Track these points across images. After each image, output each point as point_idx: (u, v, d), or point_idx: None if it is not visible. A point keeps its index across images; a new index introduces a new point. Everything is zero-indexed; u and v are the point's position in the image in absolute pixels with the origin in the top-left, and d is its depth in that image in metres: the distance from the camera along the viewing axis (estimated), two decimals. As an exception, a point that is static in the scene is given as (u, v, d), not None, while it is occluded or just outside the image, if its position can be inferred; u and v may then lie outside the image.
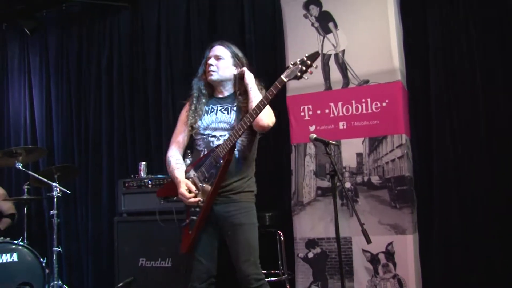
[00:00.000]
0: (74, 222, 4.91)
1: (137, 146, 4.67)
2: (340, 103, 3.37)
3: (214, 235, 2.47)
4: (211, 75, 2.50)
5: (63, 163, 4.75)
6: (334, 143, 2.76)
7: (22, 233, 3.92)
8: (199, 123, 2.50)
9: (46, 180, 3.75)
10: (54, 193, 3.75)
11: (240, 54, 2.58)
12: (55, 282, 3.72)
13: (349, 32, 3.38)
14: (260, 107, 2.25)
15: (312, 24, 3.50)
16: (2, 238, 3.67)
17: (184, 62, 4.52)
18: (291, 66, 2.22)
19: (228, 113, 2.49)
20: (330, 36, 3.44)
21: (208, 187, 2.38)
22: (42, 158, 4.85)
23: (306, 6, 3.53)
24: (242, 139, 2.44)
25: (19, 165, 3.71)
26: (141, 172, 4.05)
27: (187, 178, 2.47)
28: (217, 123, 2.48)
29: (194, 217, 2.42)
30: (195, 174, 2.45)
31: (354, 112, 3.33)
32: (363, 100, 3.30)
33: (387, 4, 3.28)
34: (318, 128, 3.41)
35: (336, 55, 3.41)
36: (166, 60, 4.57)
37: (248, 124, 2.28)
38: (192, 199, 2.38)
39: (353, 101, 3.33)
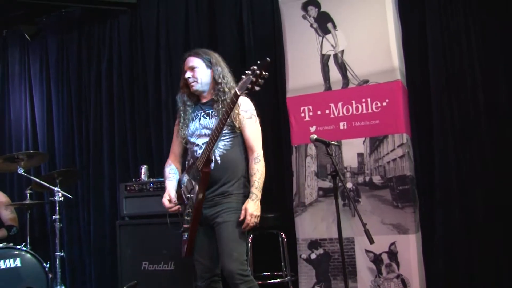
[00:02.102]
0: (76, 226, 4.91)
1: (138, 149, 4.67)
2: (340, 104, 3.37)
3: (210, 235, 2.54)
4: (193, 86, 2.61)
5: (65, 167, 4.75)
6: (335, 143, 2.76)
7: (25, 238, 3.93)
8: (186, 132, 2.62)
9: (48, 185, 3.75)
10: (56, 198, 3.75)
11: (209, 56, 2.64)
12: (58, 286, 3.72)
13: (348, 32, 3.38)
14: (222, 121, 2.34)
15: (311, 25, 3.50)
16: (5, 243, 3.68)
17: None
18: (243, 77, 2.24)
19: (210, 118, 2.56)
20: (329, 36, 3.44)
21: (194, 197, 2.49)
22: (44, 163, 4.86)
23: (304, 7, 3.53)
24: (225, 142, 2.51)
25: (21, 170, 3.71)
26: (142, 175, 4.05)
27: (180, 185, 2.65)
28: (200, 129, 2.57)
29: (186, 226, 2.55)
30: (184, 184, 2.61)
31: (355, 112, 3.32)
32: (363, 100, 3.29)
33: (386, 4, 3.27)
34: (318, 128, 3.41)
35: (335, 55, 3.41)
36: (166, 63, 4.58)
37: (216, 139, 2.39)
38: (172, 209, 2.58)
39: (353, 101, 3.33)
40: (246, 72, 2.22)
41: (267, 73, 2.19)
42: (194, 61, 2.62)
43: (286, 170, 3.82)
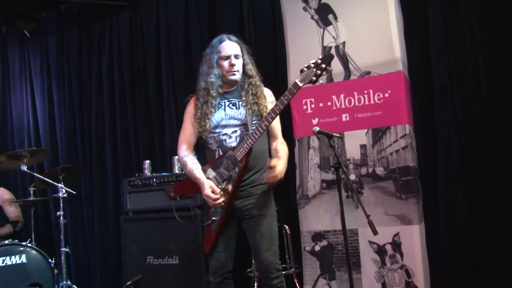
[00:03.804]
0: (81, 222, 4.93)
1: (140, 144, 4.68)
2: (342, 95, 3.36)
3: (233, 231, 2.51)
4: (234, 74, 2.50)
5: (68, 163, 4.76)
6: (338, 135, 2.76)
7: (30, 234, 3.94)
8: (210, 122, 2.48)
9: (51, 182, 3.76)
10: (60, 194, 3.77)
11: (245, 46, 2.59)
12: (64, 282, 3.75)
13: (349, 23, 3.36)
14: (275, 111, 2.27)
15: (312, 17, 3.49)
16: (10, 240, 3.69)
17: (184, 58, 4.51)
18: (305, 69, 2.22)
19: (237, 108, 2.51)
20: (330, 28, 3.43)
21: (227, 188, 2.41)
22: (47, 160, 4.87)
23: (305, -1, 3.52)
24: None
25: (24, 168, 3.72)
26: (145, 170, 4.06)
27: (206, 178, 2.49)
28: (227, 119, 2.49)
29: (215, 218, 2.46)
30: (214, 176, 2.47)
31: (357, 103, 3.32)
32: (365, 92, 3.29)
33: (387, -6, 3.26)
34: (321, 121, 3.41)
35: (337, 47, 3.40)
36: (167, 58, 4.57)
37: (265, 128, 2.31)
38: (218, 201, 2.39)
39: (355, 93, 3.32)
40: (308, 65, 2.20)
41: (331, 68, 2.20)
42: (238, 49, 2.53)
43: (289, 163, 3.81)
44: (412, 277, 3.09)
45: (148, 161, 4.11)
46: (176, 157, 3.98)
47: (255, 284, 3.56)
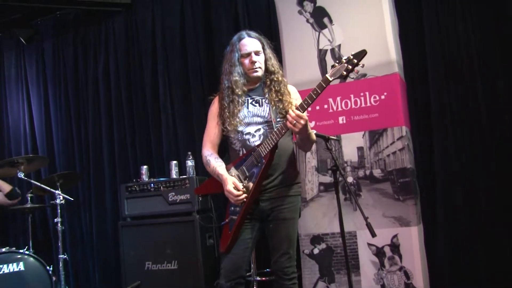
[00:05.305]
0: (79, 228, 4.92)
1: (137, 150, 4.67)
2: (338, 98, 3.37)
3: (253, 234, 2.41)
4: (257, 71, 2.44)
5: (65, 170, 4.75)
6: (335, 138, 2.76)
7: (28, 242, 3.93)
8: (235, 121, 2.41)
9: (48, 188, 3.76)
10: (57, 201, 3.76)
11: (266, 41, 2.53)
12: (63, 289, 3.73)
13: (344, 26, 3.38)
14: (304, 106, 2.21)
15: (307, 20, 3.50)
16: (7, 248, 3.68)
17: (180, 62, 4.52)
18: (336, 64, 2.17)
19: (260, 105, 2.45)
20: (325, 31, 3.44)
21: (249, 185, 2.33)
22: (44, 166, 4.86)
23: (300, 2, 3.53)
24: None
25: (21, 175, 3.71)
26: (143, 176, 4.05)
27: None
28: (250, 117, 2.43)
29: (234, 217, 2.39)
30: (237, 173, 2.41)
31: (353, 106, 3.33)
32: (362, 94, 3.30)
33: (381, -4, 3.27)
34: (317, 124, 3.41)
35: (332, 50, 3.41)
36: (163, 61, 4.58)
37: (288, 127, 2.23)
38: (240, 197, 2.32)
39: (352, 95, 3.33)
40: (340, 60, 2.16)
41: (363, 64, 2.14)
42: (258, 45, 2.47)
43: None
44: (411, 279, 3.08)
45: (145, 167, 4.11)
46: (174, 162, 3.99)
47: (254, 288, 3.56)
